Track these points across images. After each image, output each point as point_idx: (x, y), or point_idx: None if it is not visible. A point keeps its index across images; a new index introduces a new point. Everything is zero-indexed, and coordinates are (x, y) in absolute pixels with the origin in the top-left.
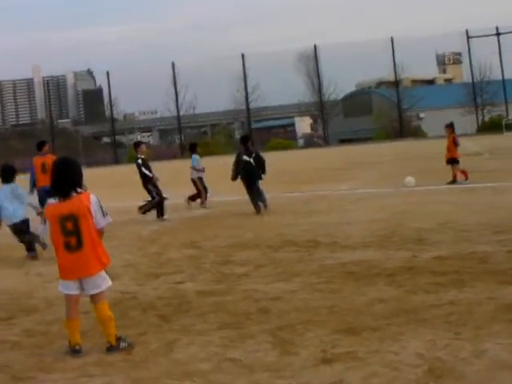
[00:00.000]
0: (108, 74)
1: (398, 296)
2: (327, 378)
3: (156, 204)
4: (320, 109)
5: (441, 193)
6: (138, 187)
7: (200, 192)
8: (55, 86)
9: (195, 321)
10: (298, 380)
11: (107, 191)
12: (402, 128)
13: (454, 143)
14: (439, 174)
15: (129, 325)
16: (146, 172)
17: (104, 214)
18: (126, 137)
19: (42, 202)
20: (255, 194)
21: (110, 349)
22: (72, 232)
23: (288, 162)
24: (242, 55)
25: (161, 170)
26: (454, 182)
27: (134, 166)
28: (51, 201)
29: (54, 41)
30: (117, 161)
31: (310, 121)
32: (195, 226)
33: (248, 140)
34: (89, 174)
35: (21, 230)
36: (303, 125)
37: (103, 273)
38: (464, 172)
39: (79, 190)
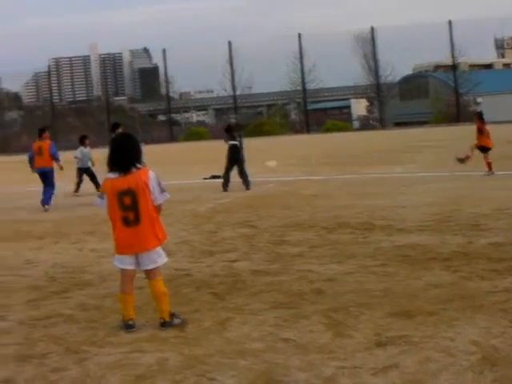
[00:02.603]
0: (164, 52)
1: (453, 281)
2: (381, 361)
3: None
4: (376, 91)
5: (496, 178)
6: (194, 165)
7: (78, 181)
8: (111, 64)
9: (249, 300)
10: (351, 362)
11: (163, 168)
12: (459, 112)
13: (480, 131)
14: (495, 160)
15: (182, 302)
16: None
17: (162, 191)
18: (182, 115)
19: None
20: (228, 175)
21: (164, 325)
22: (130, 207)
23: (343, 144)
24: (299, 35)
25: (214, 148)
26: None
27: (189, 144)
28: (110, 175)
29: (112, 20)
30: (172, 138)
31: (366, 103)
32: (250, 205)
33: (230, 130)
34: (145, 151)
35: None
36: (359, 107)
37: (159, 249)
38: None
39: (138, 165)
